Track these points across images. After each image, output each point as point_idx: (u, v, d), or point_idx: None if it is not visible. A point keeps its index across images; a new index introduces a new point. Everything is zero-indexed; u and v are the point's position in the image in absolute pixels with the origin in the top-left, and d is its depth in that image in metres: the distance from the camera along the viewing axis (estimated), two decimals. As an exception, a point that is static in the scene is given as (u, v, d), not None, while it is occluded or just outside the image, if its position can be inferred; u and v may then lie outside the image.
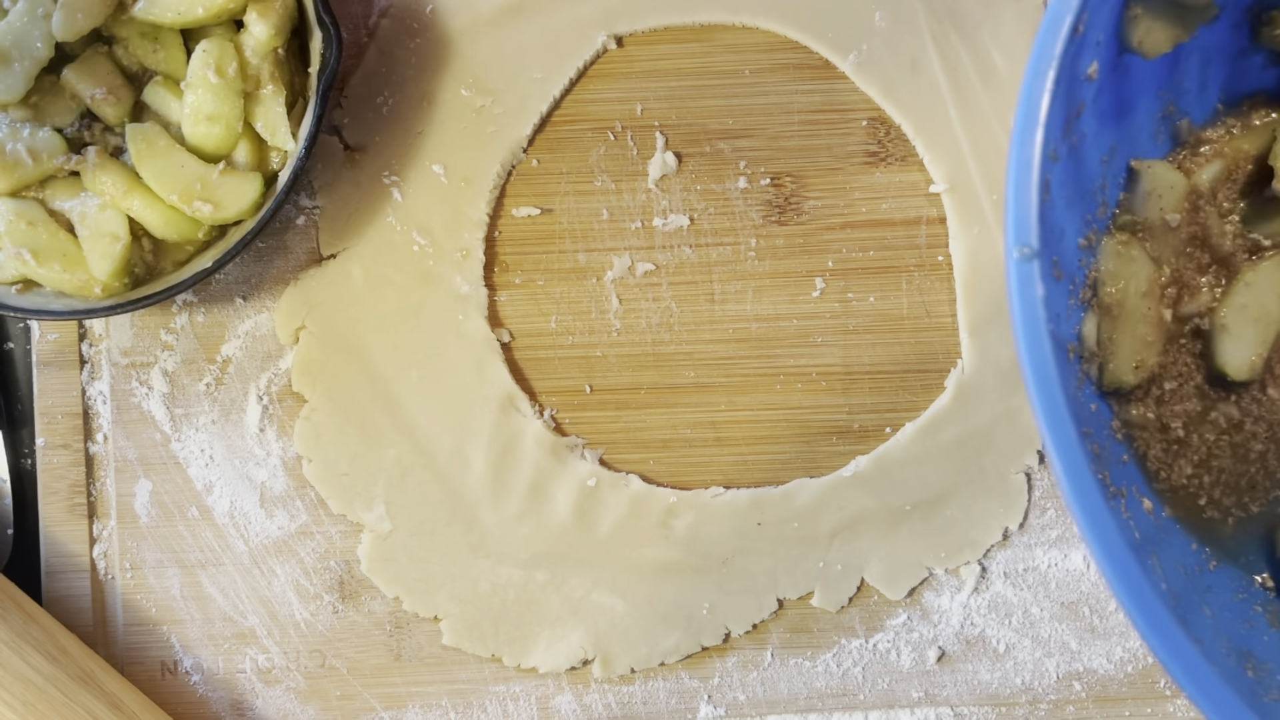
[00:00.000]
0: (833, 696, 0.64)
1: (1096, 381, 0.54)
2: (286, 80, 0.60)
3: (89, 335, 0.65)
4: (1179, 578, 0.51)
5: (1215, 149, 0.57)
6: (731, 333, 0.64)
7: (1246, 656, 0.50)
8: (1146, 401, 0.55)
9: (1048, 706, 0.64)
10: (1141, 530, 0.51)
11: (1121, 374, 0.54)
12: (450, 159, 0.64)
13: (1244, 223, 0.56)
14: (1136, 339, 0.54)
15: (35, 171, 0.59)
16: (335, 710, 0.64)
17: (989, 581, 0.64)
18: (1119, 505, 0.51)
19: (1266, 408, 0.55)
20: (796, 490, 0.63)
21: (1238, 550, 0.55)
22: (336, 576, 0.64)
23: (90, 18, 0.57)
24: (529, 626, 0.63)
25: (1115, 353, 0.54)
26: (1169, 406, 0.55)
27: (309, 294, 0.64)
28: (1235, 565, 0.55)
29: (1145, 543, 0.51)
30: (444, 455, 0.63)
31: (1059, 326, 0.50)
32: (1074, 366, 0.52)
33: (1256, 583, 0.55)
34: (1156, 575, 0.48)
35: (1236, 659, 0.49)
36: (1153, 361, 0.54)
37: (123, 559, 0.64)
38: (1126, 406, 0.55)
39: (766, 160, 0.65)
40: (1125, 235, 0.54)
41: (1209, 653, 0.46)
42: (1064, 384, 0.44)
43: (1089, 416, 0.53)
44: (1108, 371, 0.54)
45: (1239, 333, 0.54)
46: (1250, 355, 0.54)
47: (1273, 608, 0.54)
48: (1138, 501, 0.53)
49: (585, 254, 0.65)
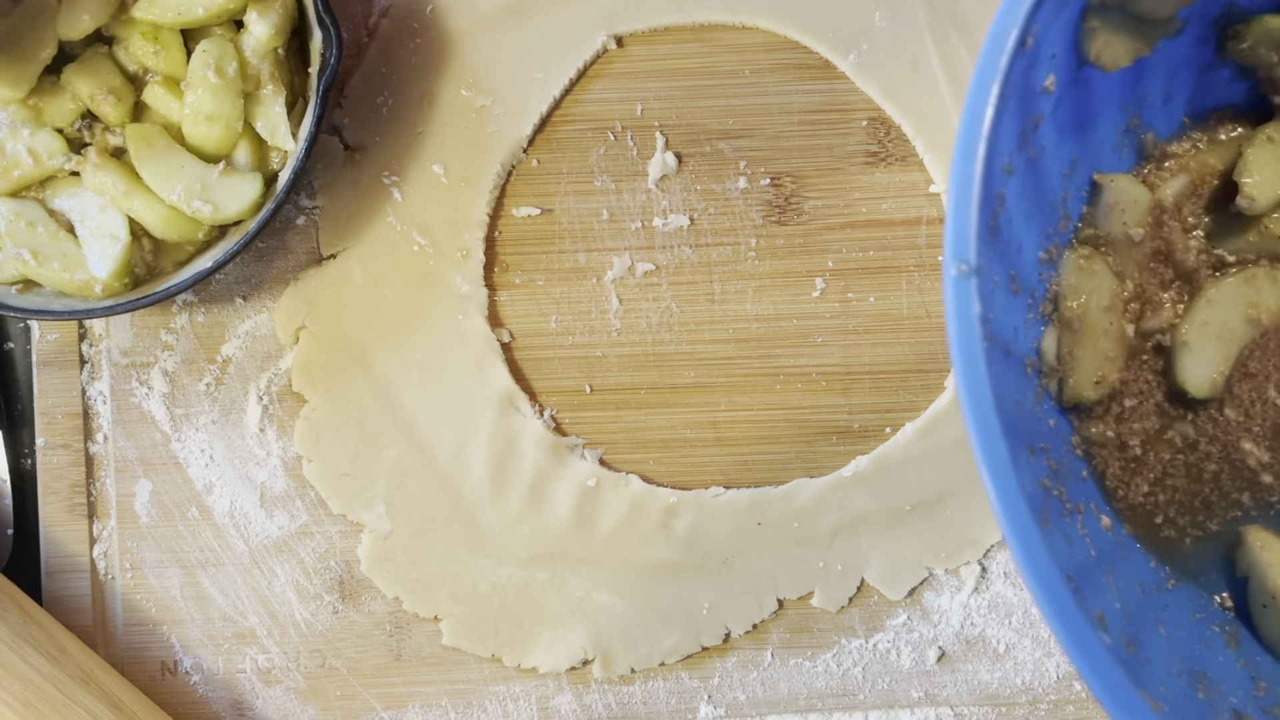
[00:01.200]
0: (833, 696, 0.64)
1: (1056, 396, 0.54)
2: (286, 80, 0.61)
3: (89, 335, 0.65)
4: (1135, 596, 0.51)
5: (1180, 163, 0.56)
6: (731, 333, 0.64)
7: (1199, 677, 0.49)
8: (1106, 419, 0.54)
9: (1048, 706, 0.64)
10: (1098, 547, 0.51)
11: (1082, 389, 0.53)
12: (450, 159, 0.64)
13: (1208, 239, 0.55)
14: (1098, 354, 0.53)
15: (35, 171, 0.59)
16: (335, 710, 0.64)
17: (989, 581, 0.64)
18: (1074, 522, 0.50)
19: (1222, 428, 0.55)
20: (796, 490, 0.63)
21: (1197, 569, 0.55)
22: (336, 576, 0.64)
23: (94, 17, 0.57)
24: (529, 626, 0.63)
25: (1075, 368, 0.53)
26: (1128, 424, 0.54)
27: (309, 294, 0.64)
28: (1195, 584, 0.54)
29: (1101, 559, 0.50)
30: (444, 455, 0.63)
31: (1016, 341, 0.50)
32: (1032, 381, 0.52)
33: (1215, 602, 0.54)
34: (1109, 594, 0.48)
35: (1188, 679, 0.48)
36: (1114, 377, 0.54)
37: (123, 559, 0.64)
38: (1086, 423, 0.54)
39: (766, 160, 0.65)
40: (1087, 249, 0.54)
41: (1159, 672, 0.45)
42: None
43: (1046, 432, 0.52)
44: (1068, 387, 0.53)
45: (1200, 350, 0.54)
46: (1211, 373, 0.54)
47: (1230, 628, 0.53)
48: (1095, 518, 0.52)
49: (585, 254, 0.65)
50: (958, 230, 0.43)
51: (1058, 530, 0.47)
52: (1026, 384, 0.51)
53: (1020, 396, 0.50)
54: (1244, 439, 0.54)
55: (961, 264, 0.43)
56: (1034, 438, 0.50)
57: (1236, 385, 0.54)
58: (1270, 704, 0.50)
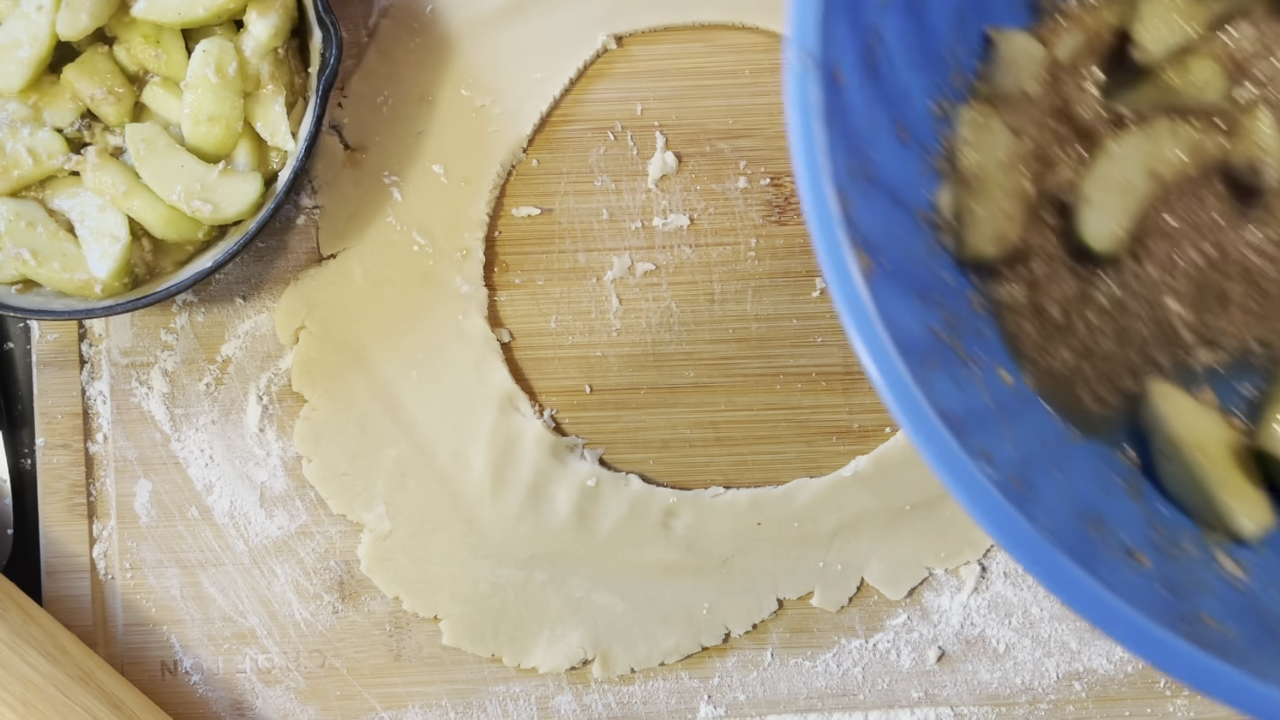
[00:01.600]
0: (833, 696, 0.64)
1: (955, 252, 0.53)
2: (286, 80, 0.61)
3: (89, 335, 0.65)
4: (1034, 445, 0.50)
5: (1076, 19, 0.55)
6: (731, 333, 0.64)
7: (1093, 519, 0.48)
8: (1016, 283, 0.53)
9: (1048, 706, 0.64)
10: (997, 401, 0.50)
11: (980, 246, 0.52)
12: (450, 159, 0.64)
13: (1106, 95, 0.54)
14: (997, 211, 0.52)
15: (35, 171, 0.59)
16: (335, 710, 0.64)
17: (989, 581, 0.64)
18: (970, 373, 0.50)
19: (1146, 285, 0.53)
20: (796, 490, 0.63)
21: (1105, 427, 0.54)
22: (336, 576, 0.64)
23: (94, 17, 0.57)
24: (529, 626, 0.63)
25: (974, 224, 0.52)
26: (1044, 290, 0.53)
27: (309, 294, 0.64)
28: (1102, 440, 0.53)
29: (1000, 412, 0.50)
30: (444, 455, 0.63)
31: (906, 191, 0.50)
32: (926, 234, 0.51)
33: (1122, 459, 0.53)
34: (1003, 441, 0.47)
35: (1080, 519, 0.47)
36: (1014, 235, 0.53)
37: (123, 559, 0.64)
38: (992, 284, 0.53)
39: (766, 160, 0.65)
40: (984, 105, 0.53)
41: (1047, 507, 0.45)
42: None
43: (941, 285, 0.51)
44: (966, 243, 0.53)
45: (1101, 204, 0.52)
46: (1113, 227, 0.52)
47: (1134, 481, 0.52)
48: (995, 374, 0.51)
49: (585, 254, 0.65)
50: (800, 13, 0.42)
51: (945, 373, 0.47)
52: (918, 235, 0.51)
53: (910, 245, 0.50)
54: (1164, 295, 0.53)
55: (804, 54, 0.42)
56: (925, 286, 0.50)
57: (1149, 240, 0.53)
58: (1166, 545, 0.49)
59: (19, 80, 0.58)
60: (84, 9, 0.57)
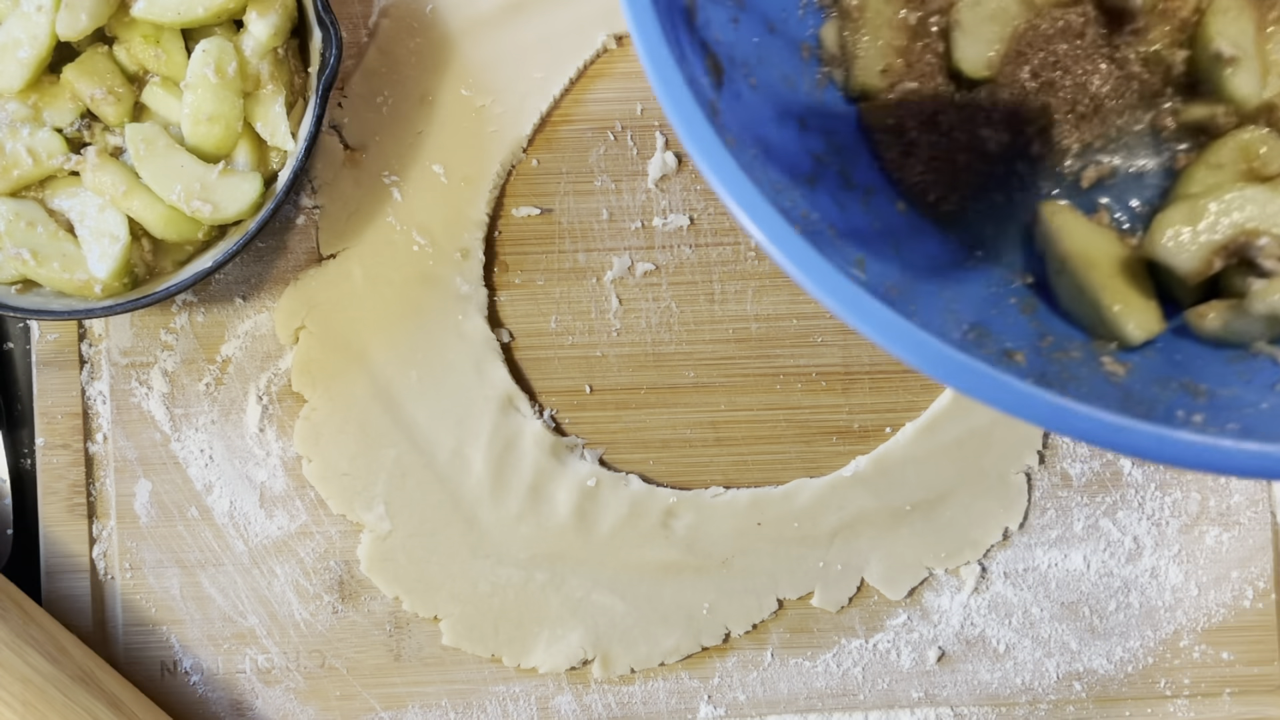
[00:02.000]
0: (833, 696, 0.64)
1: (842, 86, 0.54)
2: (286, 80, 0.60)
3: (89, 335, 0.65)
4: (922, 264, 0.52)
5: None
6: (731, 333, 0.64)
7: (977, 329, 0.50)
8: (887, 106, 0.55)
9: (1048, 706, 0.64)
10: (885, 222, 0.52)
11: (867, 79, 0.54)
12: (450, 159, 0.64)
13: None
14: (882, 44, 0.54)
15: (35, 171, 0.59)
16: (335, 710, 0.64)
17: (989, 581, 0.64)
18: (856, 196, 0.52)
19: (1019, 105, 0.55)
20: (796, 490, 0.63)
21: (1001, 251, 0.55)
22: (336, 576, 0.64)
23: (93, 17, 0.57)
24: (529, 626, 0.63)
25: (859, 58, 0.54)
26: (908, 109, 0.55)
27: (309, 294, 0.64)
28: (999, 264, 0.55)
29: (886, 232, 0.52)
30: (444, 455, 0.63)
31: (786, 24, 0.51)
32: (810, 66, 0.53)
33: (1017, 279, 0.55)
34: (888, 260, 0.49)
35: (958, 326, 0.49)
36: (899, 65, 0.54)
37: (122, 559, 0.64)
38: (867, 110, 0.55)
39: (766, 160, 0.65)
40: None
41: (924, 317, 0.47)
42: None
43: (825, 114, 0.53)
44: (853, 76, 0.54)
45: (974, 30, 0.54)
46: (986, 52, 0.54)
47: (1028, 299, 0.54)
48: (888, 200, 0.53)
49: (585, 254, 0.65)
50: None
51: (825, 192, 0.50)
52: (803, 68, 0.53)
53: (790, 74, 0.53)
54: (1039, 112, 0.55)
55: None
56: (806, 114, 0.52)
57: (1010, 65, 0.54)
58: (1052, 350, 0.51)
59: (19, 80, 0.58)
60: (84, 9, 0.57)
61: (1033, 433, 0.63)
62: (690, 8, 0.47)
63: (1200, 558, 0.64)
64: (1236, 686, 0.64)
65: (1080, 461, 0.64)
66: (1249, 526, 0.64)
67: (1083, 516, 0.64)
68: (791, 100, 0.52)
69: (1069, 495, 0.64)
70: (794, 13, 0.53)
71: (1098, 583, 0.64)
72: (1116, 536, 0.64)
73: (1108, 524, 0.64)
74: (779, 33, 0.52)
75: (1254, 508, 0.64)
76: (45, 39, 0.58)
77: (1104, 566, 0.64)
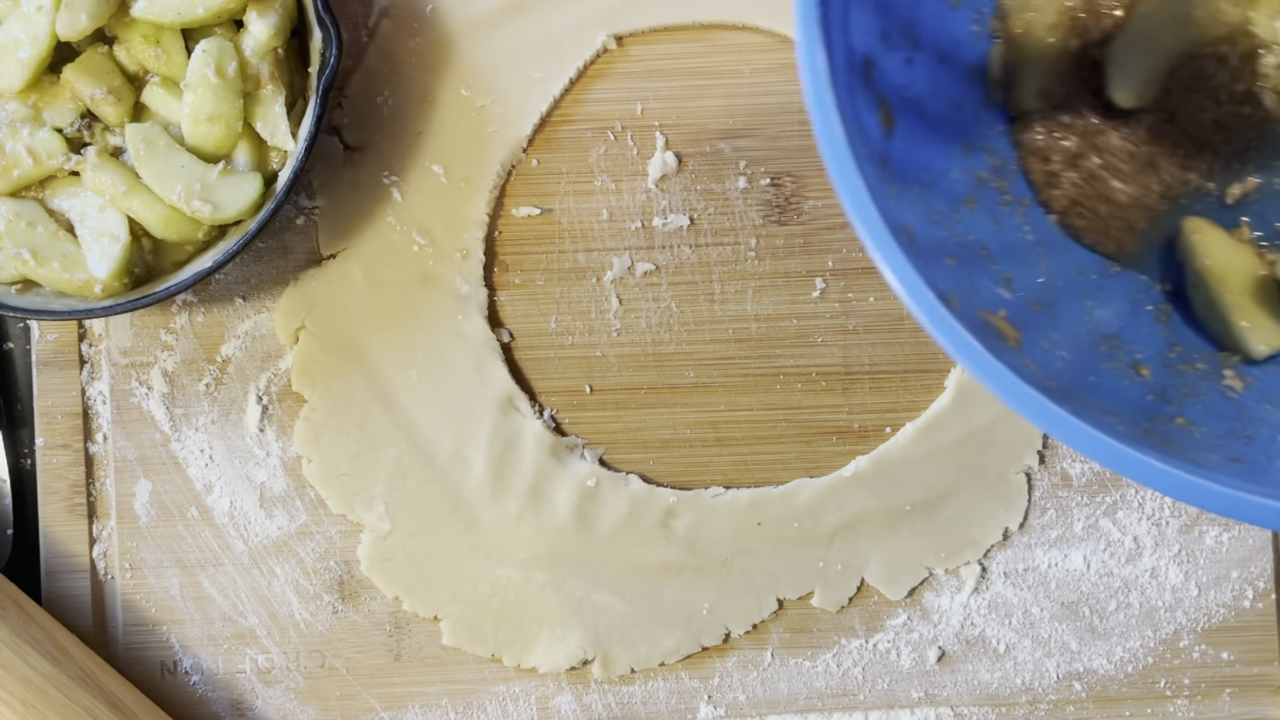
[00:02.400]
0: (833, 696, 0.64)
1: (1003, 105, 0.57)
2: (286, 80, 0.60)
3: (89, 335, 0.65)
4: (1069, 275, 0.56)
5: None
6: (731, 333, 0.64)
7: (1110, 338, 0.54)
8: (1038, 129, 0.58)
9: (1048, 706, 0.64)
10: (1037, 234, 0.56)
11: (1025, 100, 0.57)
12: (450, 159, 0.64)
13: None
14: (1042, 69, 0.56)
15: (35, 171, 0.59)
16: (335, 710, 0.64)
17: (989, 581, 0.64)
18: (1014, 211, 0.56)
19: (1168, 135, 0.57)
20: (796, 490, 0.63)
21: (1142, 260, 0.58)
22: (336, 576, 0.64)
23: (94, 17, 0.57)
24: (529, 626, 0.63)
25: (1020, 80, 0.57)
26: (1058, 132, 0.57)
27: (309, 294, 0.64)
28: (1140, 271, 0.58)
29: (1037, 243, 0.56)
30: (444, 455, 0.63)
31: (957, 50, 0.56)
32: (977, 89, 0.57)
33: (1157, 287, 0.58)
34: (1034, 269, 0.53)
35: (1095, 337, 0.53)
36: (1058, 91, 0.57)
37: (122, 559, 0.64)
38: (1031, 134, 0.58)
39: (766, 160, 0.65)
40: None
41: (1063, 327, 0.51)
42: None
43: (991, 134, 0.57)
44: (1012, 97, 0.57)
45: (1129, 62, 0.56)
46: (1139, 83, 0.56)
47: (1164, 307, 0.57)
48: (1040, 212, 0.57)
49: (585, 254, 0.65)
50: None
51: (983, 211, 0.55)
52: (970, 91, 0.57)
53: (960, 99, 0.57)
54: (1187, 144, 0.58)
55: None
56: (972, 135, 0.57)
57: (1165, 101, 0.57)
58: (1178, 362, 0.55)
59: (19, 80, 0.58)
60: (84, 9, 0.57)
61: (1033, 433, 0.63)
62: (869, 63, 0.50)
63: (1200, 558, 0.64)
64: (1236, 686, 0.64)
65: (1080, 461, 0.64)
66: (1249, 527, 0.64)
67: (1083, 516, 0.64)
68: (958, 124, 0.56)
69: (1069, 495, 0.64)
70: (965, 40, 0.56)
71: (1098, 583, 0.64)
72: (1116, 536, 0.64)
73: (1108, 524, 0.64)
74: (949, 62, 0.56)
75: (1254, 508, 0.64)
76: (45, 39, 0.58)
77: (1104, 566, 0.64)
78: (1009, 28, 0.57)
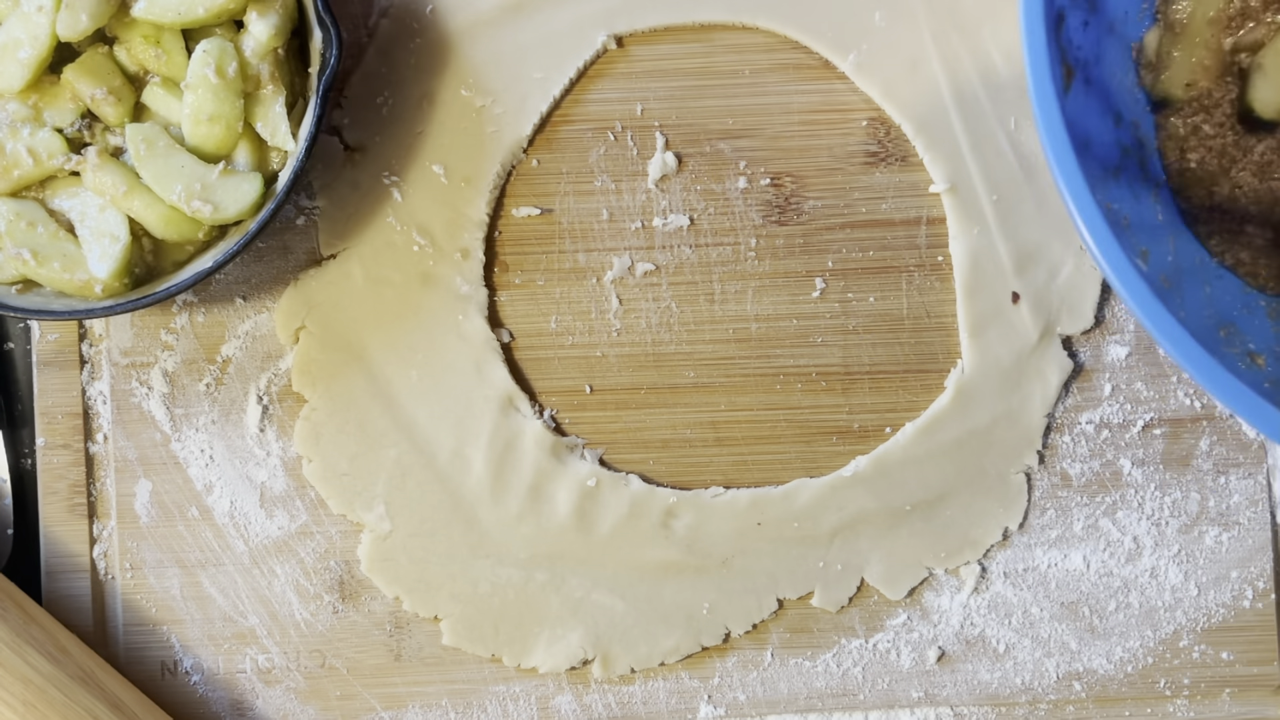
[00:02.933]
0: (833, 696, 0.64)
1: (1150, 88, 0.59)
2: (286, 80, 0.60)
3: (89, 335, 0.65)
4: (1191, 260, 0.58)
5: None
6: (731, 333, 0.64)
7: (1227, 325, 0.55)
8: (1184, 121, 0.59)
9: (1047, 706, 0.64)
10: (1166, 216, 0.59)
11: (1171, 88, 0.59)
12: (450, 159, 0.64)
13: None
14: (1193, 61, 0.58)
15: (35, 171, 0.59)
16: (335, 710, 0.64)
17: (989, 581, 0.64)
18: (1149, 190, 0.58)
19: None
20: (796, 490, 0.63)
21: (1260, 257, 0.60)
22: (336, 576, 0.64)
23: (94, 18, 0.57)
24: (529, 626, 0.63)
25: (1170, 67, 0.58)
26: (1197, 121, 0.59)
27: (309, 294, 0.64)
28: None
29: (1166, 225, 0.58)
30: (444, 455, 0.63)
31: (1124, 24, 0.58)
32: (1131, 66, 0.59)
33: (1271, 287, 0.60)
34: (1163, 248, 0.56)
35: (1214, 321, 0.54)
36: (1205, 85, 0.58)
37: (123, 559, 0.64)
38: (1174, 121, 0.59)
39: (766, 160, 0.65)
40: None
41: (1186, 305, 0.53)
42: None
43: (1138, 110, 0.59)
44: (1160, 82, 0.58)
45: (1274, 76, 0.57)
46: (1279, 99, 0.57)
47: (1275, 307, 0.58)
48: (1170, 195, 0.59)
49: (585, 254, 0.65)
50: None
51: (1125, 184, 0.57)
52: (1129, 66, 0.59)
53: (1117, 72, 0.59)
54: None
55: None
56: (1124, 109, 0.58)
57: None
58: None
59: (19, 80, 0.58)
60: (84, 10, 0.57)
61: (1032, 433, 0.63)
62: (1061, 15, 0.53)
63: (1200, 558, 0.64)
64: (1236, 686, 0.64)
65: (1080, 461, 0.64)
66: (1248, 527, 0.64)
67: (1082, 516, 0.64)
68: (1115, 95, 0.58)
69: (1069, 495, 0.64)
70: (1133, 16, 0.58)
71: (1097, 583, 0.64)
72: (1116, 536, 0.64)
73: (1107, 524, 0.64)
74: (1116, 34, 0.58)
75: (1253, 508, 0.64)
76: (46, 39, 0.58)
77: (1104, 566, 0.64)
78: (1170, 13, 0.58)
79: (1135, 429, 0.64)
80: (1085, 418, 0.64)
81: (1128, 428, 0.64)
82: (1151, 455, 0.64)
